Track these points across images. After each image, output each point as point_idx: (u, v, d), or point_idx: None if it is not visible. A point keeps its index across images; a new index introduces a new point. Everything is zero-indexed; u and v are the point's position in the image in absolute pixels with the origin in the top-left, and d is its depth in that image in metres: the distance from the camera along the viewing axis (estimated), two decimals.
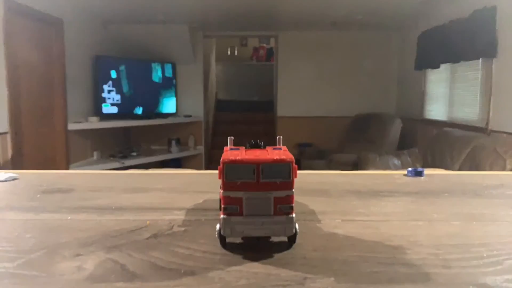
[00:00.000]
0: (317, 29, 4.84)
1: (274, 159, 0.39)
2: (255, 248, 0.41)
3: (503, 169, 2.68)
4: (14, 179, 0.74)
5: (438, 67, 3.82)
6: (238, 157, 0.39)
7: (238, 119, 6.06)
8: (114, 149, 4.19)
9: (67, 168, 3.64)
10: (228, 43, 7.18)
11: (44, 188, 0.68)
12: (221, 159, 0.39)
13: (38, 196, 0.63)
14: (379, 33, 4.87)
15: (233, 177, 0.39)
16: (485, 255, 0.40)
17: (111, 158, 3.97)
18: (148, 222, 0.50)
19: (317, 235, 0.46)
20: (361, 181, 0.74)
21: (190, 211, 0.55)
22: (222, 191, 0.40)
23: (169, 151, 4.52)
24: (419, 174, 0.76)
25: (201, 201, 0.59)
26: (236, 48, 7.16)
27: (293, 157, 0.40)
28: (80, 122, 3.71)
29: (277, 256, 0.40)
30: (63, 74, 3.54)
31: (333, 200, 0.61)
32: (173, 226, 0.49)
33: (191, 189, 0.67)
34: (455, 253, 0.41)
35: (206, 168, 4.72)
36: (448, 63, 3.69)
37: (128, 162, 3.94)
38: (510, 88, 2.94)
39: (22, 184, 0.72)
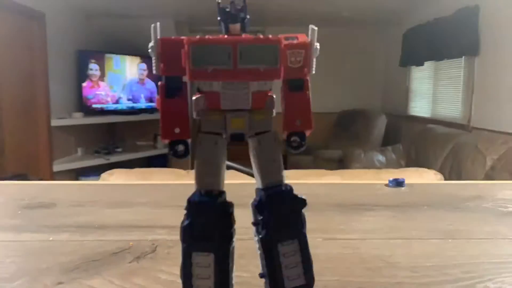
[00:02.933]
0: (303, 25, 4.84)
1: (255, 38, 0.32)
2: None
3: (484, 165, 2.74)
4: None
5: (422, 64, 3.87)
6: (208, 36, 0.32)
7: None
8: (99, 145, 4.14)
9: (50, 165, 3.59)
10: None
11: (26, 202, 0.68)
12: (184, 40, 0.32)
13: (19, 212, 0.63)
14: (365, 30, 4.89)
15: (202, 61, 0.31)
16: (459, 276, 0.42)
17: (96, 154, 3.93)
18: (131, 243, 0.50)
19: None
20: (343, 193, 0.75)
21: (173, 229, 0.55)
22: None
23: (155, 147, 4.49)
24: (400, 184, 0.77)
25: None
26: None
27: (281, 39, 0.32)
28: (63, 118, 3.65)
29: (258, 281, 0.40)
30: (46, 69, 3.48)
31: (315, 215, 0.62)
32: (156, 247, 0.50)
33: (175, 203, 0.67)
34: (430, 276, 0.42)
35: (193, 164, 4.70)
36: (432, 61, 3.74)
37: (113, 159, 3.90)
38: (491, 86, 3.00)
39: (2, 197, 0.71)
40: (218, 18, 0.32)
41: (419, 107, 4.12)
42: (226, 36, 0.32)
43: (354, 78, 4.88)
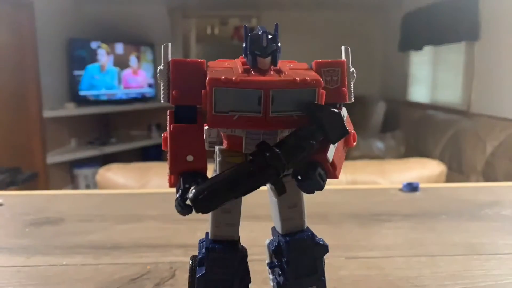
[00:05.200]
0: (300, 9, 4.77)
1: (291, 80, 0.26)
2: None
3: (484, 152, 2.74)
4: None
5: (422, 49, 3.82)
6: (236, 77, 0.26)
7: None
8: (92, 135, 4.07)
9: (44, 157, 3.55)
10: (208, 22, 7.01)
11: (32, 217, 0.65)
12: (207, 78, 0.26)
13: (27, 230, 0.61)
14: (363, 14, 4.82)
15: (225, 107, 0.27)
16: None
17: (90, 145, 3.88)
18: (148, 267, 0.49)
19: None
20: (357, 200, 0.74)
21: (189, 248, 0.54)
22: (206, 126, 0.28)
23: (150, 137, 4.44)
24: (414, 189, 0.76)
25: (198, 234, 0.58)
26: (216, 27, 7.00)
27: (320, 78, 0.27)
28: (56, 109, 3.58)
29: None
30: (36, 59, 3.40)
31: (333, 229, 0.60)
32: (175, 271, 0.48)
33: (187, 216, 0.66)
34: None
35: None
36: (431, 45, 3.70)
37: (107, 149, 3.85)
38: (491, 71, 2.98)
39: (7, 212, 0.69)
40: (244, 45, 0.28)
41: (418, 92, 4.10)
42: (253, 75, 0.27)
43: (353, 63, 4.82)
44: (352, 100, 0.31)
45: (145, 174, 1.84)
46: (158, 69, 0.28)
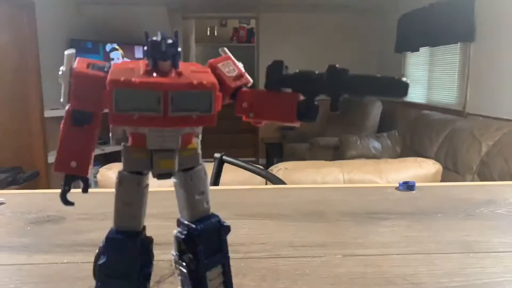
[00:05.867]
0: (298, 11, 4.78)
1: (188, 83, 0.28)
2: None
3: (479, 151, 2.76)
4: (1, 203, 0.72)
5: (418, 50, 3.85)
6: (135, 79, 0.28)
7: None
8: None
9: (45, 157, 3.55)
10: (208, 23, 7.02)
11: (33, 216, 0.66)
12: (108, 77, 0.28)
13: (28, 228, 0.61)
14: (360, 16, 4.85)
15: (126, 106, 0.28)
16: None
17: None
18: None
19: (320, 277, 0.46)
20: (354, 199, 0.75)
21: None
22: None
23: None
24: (410, 188, 0.77)
25: None
26: (215, 28, 7.01)
27: (215, 82, 0.30)
28: (57, 108, 3.58)
29: None
30: (37, 59, 3.40)
31: (330, 227, 0.61)
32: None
33: None
34: None
35: None
36: (427, 47, 3.72)
37: (109, 149, 3.86)
38: (486, 72, 3.00)
39: (9, 211, 0.69)
40: (144, 49, 0.29)
41: (415, 93, 4.12)
42: (154, 77, 0.28)
43: (349, 64, 4.81)
44: (251, 80, 0.34)
45: None
46: (60, 71, 0.30)
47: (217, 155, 1.31)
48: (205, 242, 0.33)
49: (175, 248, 0.35)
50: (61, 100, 0.30)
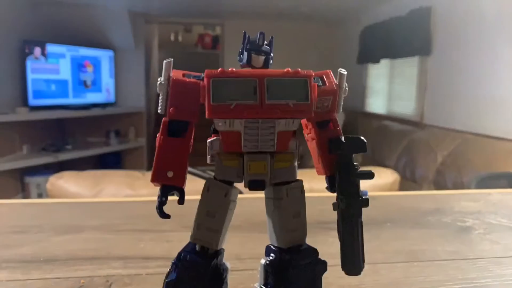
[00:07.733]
0: (263, 19, 4.82)
1: (283, 71, 0.29)
2: None
3: (435, 161, 2.87)
4: None
5: (379, 62, 3.97)
6: (231, 69, 0.30)
7: None
8: (46, 142, 3.89)
9: None
10: (172, 28, 6.94)
11: None
12: (204, 73, 0.29)
13: None
14: (323, 26, 4.95)
15: (222, 97, 0.28)
16: None
17: (43, 152, 3.69)
18: (82, 281, 0.46)
19: None
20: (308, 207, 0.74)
21: (129, 261, 0.51)
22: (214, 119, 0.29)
23: (108, 144, 4.30)
24: None
25: (141, 245, 0.55)
26: (180, 34, 6.94)
27: (311, 72, 0.31)
28: (6, 113, 3.39)
29: None
30: None
31: None
32: (110, 285, 0.45)
33: (129, 226, 0.63)
34: None
35: (149, 162, 4.56)
36: (387, 59, 3.85)
37: (62, 156, 3.69)
38: (442, 84, 3.13)
39: None
40: (241, 48, 0.31)
41: (376, 104, 4.24)
42: (249, 69, 0.30)
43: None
44: (340, 110, 0.35)
45: (99, 182, 1.77)
46: (158, 82, 0.30)
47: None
48: (295, 276, 0.31)
49: (261, 279, 0.33)
50: (159, 110, 0.30)
